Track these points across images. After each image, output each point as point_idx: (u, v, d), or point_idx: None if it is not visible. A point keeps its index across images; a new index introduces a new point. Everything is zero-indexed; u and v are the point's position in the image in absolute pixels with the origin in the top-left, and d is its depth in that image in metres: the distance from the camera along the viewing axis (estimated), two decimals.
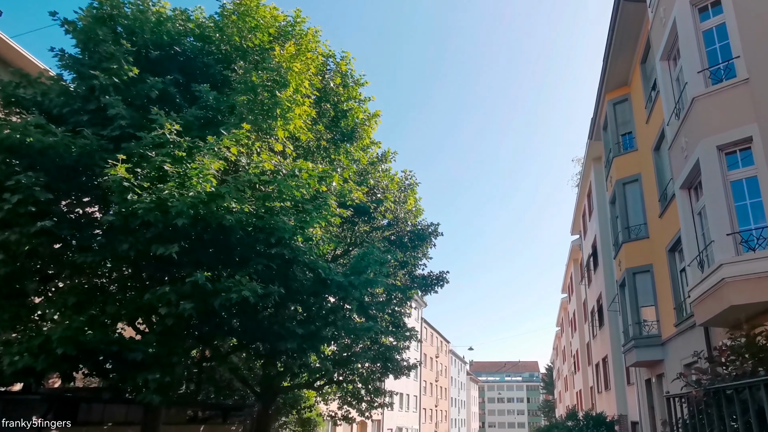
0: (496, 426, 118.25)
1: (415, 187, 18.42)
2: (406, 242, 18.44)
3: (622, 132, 17.97)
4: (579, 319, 35.22)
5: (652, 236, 15.60)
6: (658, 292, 15.17)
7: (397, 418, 41.58)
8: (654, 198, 15.22)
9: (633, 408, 19.34)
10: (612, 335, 21.62)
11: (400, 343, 21.23)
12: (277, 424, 22.81)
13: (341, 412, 22.36)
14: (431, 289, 19.51)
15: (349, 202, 13.63)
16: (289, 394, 22.17)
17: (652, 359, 15.05)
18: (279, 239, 10.69)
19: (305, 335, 11.68)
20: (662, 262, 14.60)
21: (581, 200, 29.06)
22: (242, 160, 10.88)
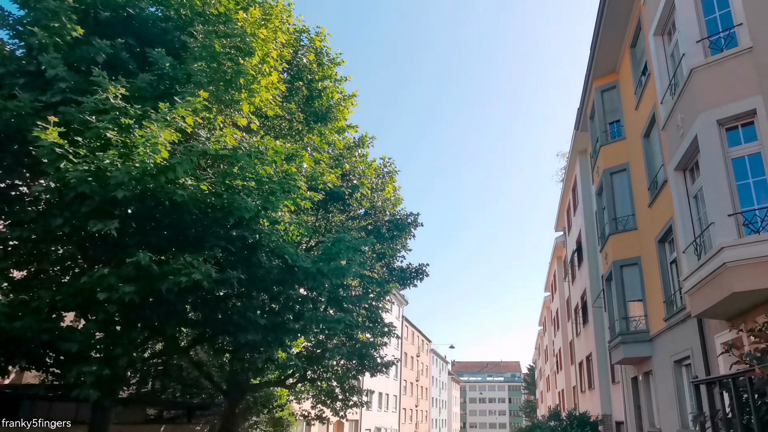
0: (477, 426, 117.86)
1: (394, 175, 17.53)
2: (384, 233, 17.55)
3: (609, 120, 17.27)
4: (562, 318, 34.63)
5: (641, 227, 14.89)
6: (647, 285, 14.46)
7: (376, 418, 40.64)
8: (643, 187, 14.52)
9: (618, 407, 18.66)
10: (596, 332, 20.95)
11: (377, 339, 20.36)
12: (247, 424, 21.75)
13: (315, 411, 21.38)
14: (410, 283, 18.64)
15: (321, 185, 12.72)
16: (261, 392, 21.19)
17: (640, 356, 14.33)
18: (240, 220, 9.74)
19: (269, 327, 10.71)
20: (651, 254, 13.89)
21: (566, 195, 28.42)
22: (201, 133, 9.89)
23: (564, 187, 28.39)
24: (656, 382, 13.79)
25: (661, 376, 13.30)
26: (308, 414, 21.60)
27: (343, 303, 15.66)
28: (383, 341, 20.35)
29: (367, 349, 19.51)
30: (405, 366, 52.60)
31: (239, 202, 9.36)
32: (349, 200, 15.33)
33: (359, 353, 19.20)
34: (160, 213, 9.16)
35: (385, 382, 43.85)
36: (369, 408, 39.00)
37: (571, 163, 25.12)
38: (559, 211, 30.97)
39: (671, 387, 12.48)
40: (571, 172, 25.73)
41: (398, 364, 49.25)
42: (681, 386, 12.17)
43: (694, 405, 11.63)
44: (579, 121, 20.48)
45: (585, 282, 22.99)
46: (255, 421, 21.93)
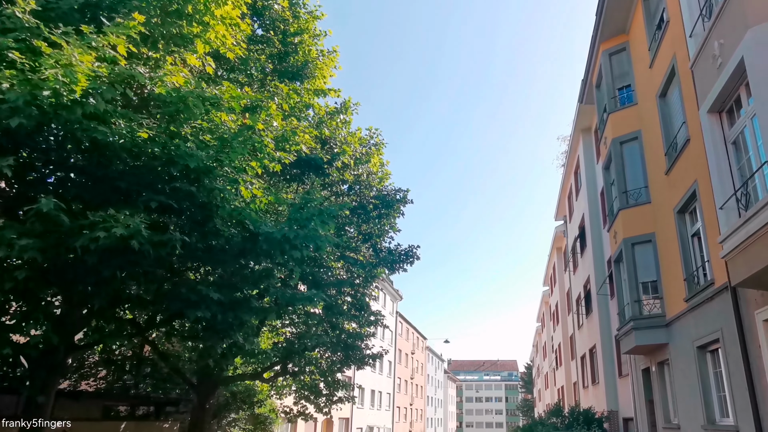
0: (474, 426, 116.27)
1: (381, 147, 15.87)
2: (370, 210, 15.90)
3: (619, 86, 15.68)
4: (562, 311, 33.06)
5: (656, 200, 13.29)
6: (663, 264, 12.86)
7: (368, 416, 38.98)
8: (658, 154, 12.94)
9: (626, 403, 17.06)
10: (601, 322, 19.36)
11: (363, 329, 18.76)
12: (225, 422, 20.10)
13: (297, 407, 19.75)
14: (399, 267, 16.97)
15: (293, 146, 11.10)
16: (240, 387, 19.59)
17: (655, 343, 12.73)
18: (185, 173, 8.09)
19: (227, 304, 9.05)
20: (669, 228, 12.30)
21: (567, 180, 26.83)
22: (140, 70, 8.23)
23: (565, 172, 26.81)
24: (674, 373, 12.19)
25: (681, 365, 11.70)
26: (290, 410, 19.95)
27: (321, 282, 14.06)
28: (370, 331, 18.73)
29: (353, 340, 17.91)
30: (399, 363, 50.96)
31: (183, 149, 7.74)
32: (329, 170, 13.67)
33: (344, 344, 17.60)
34: (84, 158, 7.51)
35: (378, 379, 42.21)
36: (361, 405, 37.34)
37: (573, 144, 23.52)
38: (559, 198, 29.38)
39: (694, 377, 10.89)
40: (573, 153, 24.13)
41: (392, 361, 47.59)
42: (706, 375, 10.57)
43: (722, 396, 10.05)
44: (584, 92, 18.87)
45: (588, 269, 21.40)
46: (234, 418, 20.28)
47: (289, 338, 16.86)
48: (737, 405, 8.96)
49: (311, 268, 13.22)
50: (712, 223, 9.62)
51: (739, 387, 8.82)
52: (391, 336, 47.67)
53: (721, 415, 10.14)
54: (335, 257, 15.28)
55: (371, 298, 18.69)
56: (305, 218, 9.56)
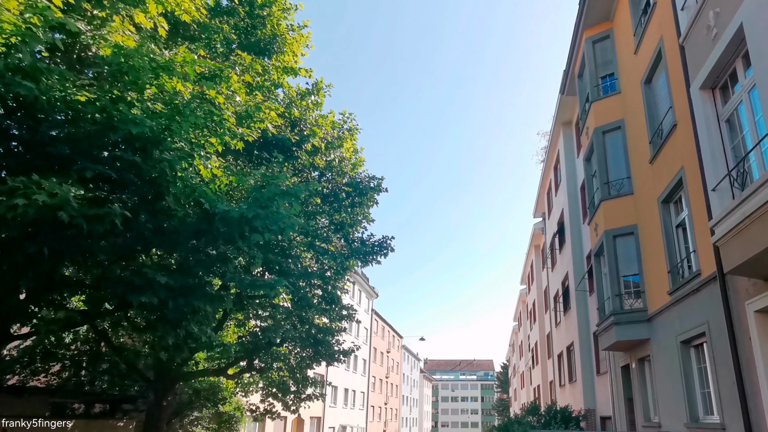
0: (449, 425, 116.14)
1: (355, 132, 15.10)
2: (343, 198, 15.15)
3: (602, 74, 15.19)
4: (539, 309, 32.72)
5: (639, 190, 12.81)
6: (645, 257, 12.37)
7: (341, 415, 38.16)
8: (642, 143, 12.45)
9: (603, 401, 16.62)
10: (579, 319, 18.91)
11: (335, 324, 18.01)
12: (187, 420, 19.13)
13: (264, 405, 18.89)
14: (373, 259, 16.23)
15: (257, 123, 10.32)
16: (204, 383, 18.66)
17: (636, 338, 12.23)
18: (128, 139, 7.25)
19: (177, 289, 8.23)
20: (652, 219, 11.80)
21: (546, 175, 26.43)
22: (80, 26, 7.37)
23: (545, 167, 26.40)
24: (655, 369, 11.70)
25: (663, 362, 11.21)
26: (256, 408, 19.07)
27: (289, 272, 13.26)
28: (342, 326, 17.98)
29: (323, 335, 17.12)
30: (374, 362, 50.24)
31: (127, 114, 6.91)
32: (298, 153, 12.90)
33: (314, 339, 16.82)
34: (9, 119, 6.62)
35: (352, 378, 41.43)
36: (333, 404, 36.51)
37: (553, 138, 23.08)
38: (538, 194, 28.99)
39: (676, 373, 10.39)
40: (553, 147, 23.70)
41: (367, 359, 46.85)
42: (689, 371, 10.07)
43: (706, 393, 9.56)
44: (565, 83, 18.39)
45: (567, 266, 20.96)
46: (196, 416, 19.32)
47: (255, 332, 16.00)
48: (723, 401, 8.45)
49: (277, 257, 12.43)
50: (700, 211, 9.12)
51: (726, 382, 8.31)
52: (366, 333, 46.93)
53: (705, 412, 9.65)
54: (304, 246, 14.52)
55: (343, 292, 17.96)
56: (267, 198, 8.78)
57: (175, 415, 18.43)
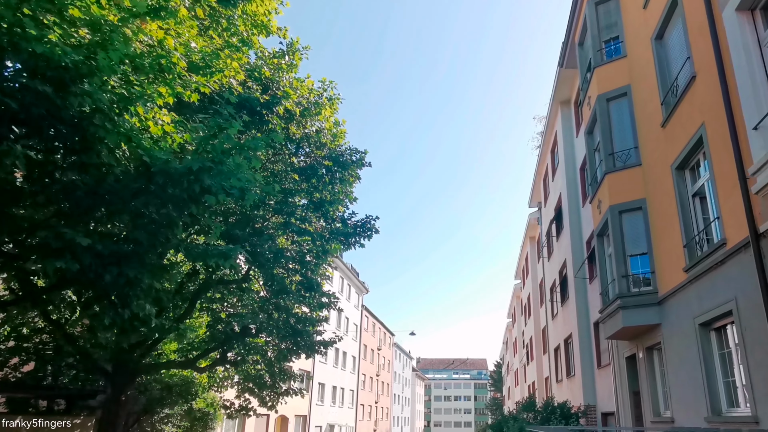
0: (442, 425, 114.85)
1: (336, 102, 13.73)
2: (322, 175, 13.79)
3: (605, 38, 13.93)
4: (534, 304, 31.50)
5: (648, 160, 11.54)
6: (655, 233, 11.11)
7: (329, 413, 36.76)
8: (651, 107, 11.20)
9: (605, 396, 15.36)
10: (579, 309, 17.66)
11: (316, 313, 16.65)
12: (157, 418, 17.72)
13: (239, 401, 17.49)
14: (356, 241, 14.87)
15: (216, 74, 8.97)
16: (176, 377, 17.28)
17: (645, 324, 10.97)
18: (32, 62, 5.88)
19: (106, 256, 6.86)
20: (664, 190, 10.54)
21: (543, 160, 25.18)
22: None
23: (541, 153, 25.16)
24: (667, 358, 10.43)
25: (677, 349, 9.95)
26: (230, 405, 17.68)
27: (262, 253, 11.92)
28: (323, 315, 16.61)
29: (302, 325, 15.75)
30: (364, 359, 48.87)
31: (31, 33, 5.56)
32: (269, 117, 11.52)
33: (292, 329, 15.45)
34: None
35: (340, 375, 40.05)
36: (320, 402, 35.11)
37: (551, 119, 21.82)
38: (534, 182, 27.73)
39: (694, 361, 9.12)
40: (550, 129, 22.44)
41: (357, 356, 45.47)
42: (710, 358, 8.80)
43: (730, 382, 8.28)
44: (564, 54, 17.12)
45: (565, 253, 19.71)
46: (167, 414, 17.89)
47: (227, 320, 14.63)
48: (756, 390, 7.17)
49: (243, 232, 11.07)
50: (726, 169, 7.87)
51: (760, 367, 7.04)
52: (356, 329, 45.57)
53: (729, 404, 8.38)
54: (278, 226, 13.18)
55: (324, 279, 16.60)
56: (221, 152, 7.42)
57: (145, 413, 17.06)
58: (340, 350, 40.03)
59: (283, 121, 11.95)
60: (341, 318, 40.41)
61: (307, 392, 31.61)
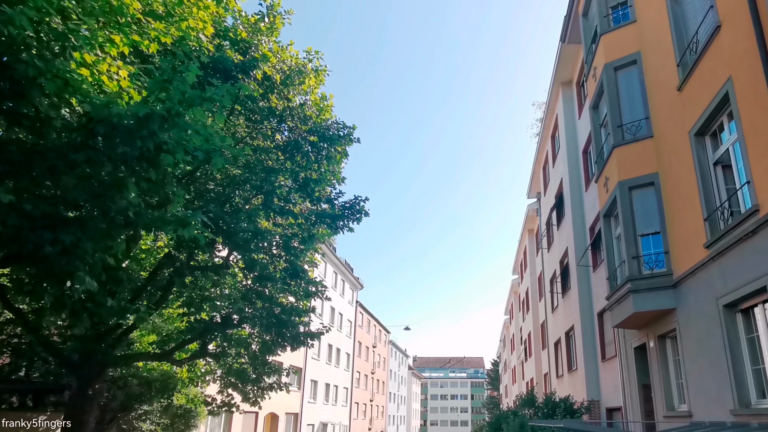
0: (438, 424, 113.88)
1: (322, 74, 12.70)
2: (307, 151, 12.77)
3: (612, 4, 12.96)
4: (533, 298, 30.53)
5: (661, 130, 10.56)
6: (670, 209, 10.13)
7: (322, 411, 35.71)
8: (666, 72, 10.23)
9: (610, 390, 14.37)
10: (581, 299, 16.69)
11: (304, 303, 15.65)
12: (134, 414, 16.68)
13: (222, 397, 16.44)
14: (344, 225, 13.84)
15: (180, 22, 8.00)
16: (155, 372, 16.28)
17: (659, 308, 9.98)
18: None
19: (37, 218, 5.84)
20: (680, 161, 9.57)
21: (543, 147, 24.20)
22: None
23: (540, 139, 24.18)
24: (684, 346, 9.45)
25: (696, 335, 8.97)
26: (212, 400, 16.64)
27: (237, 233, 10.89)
28: (309, 306, 15.59)
29: (289, 315, 14.73)
30: (359, 356, 47.83)
31: None
32: (247, 82, 10.48)
33: (276, 319, 14.44)
34: None
35: (334, 372, 39.01)
36: (313, 399, 34.07)
37: (551, 102, 20.83)
38: (533, 170, 26.75)
39: (717, 347, 8.14)
40: (551, 113, 21.45)
41: (351, 353, 44.44)
42: (736, 344, 7.81)
43: (762, 370, 7.31)
44: (567, 28, 16.13)
45: (567, 241, 18.74)
46: (145, 410, 16.84)
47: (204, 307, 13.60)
48: None
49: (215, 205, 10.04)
50: (758, 128, 6.91)
51: None
52: (350, 326, 44.56)
53: (759, 395, 7.40)
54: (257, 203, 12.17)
55: (311, 266, 15.58)
56: (177, 101, 6.39)
57: (123, 410, 16.05)
58: (334, 346, 39.01)
59: (261, 88, 10.92)
60: (335, 314, 39.38)
61: (296, 388, 30.59)
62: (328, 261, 37.66)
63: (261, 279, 13.76)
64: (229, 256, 13.51)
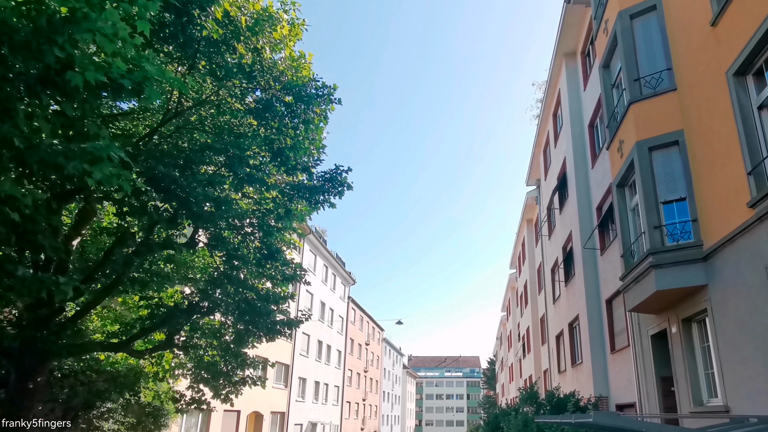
0: (434, 424, 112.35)
1: (298, 27, 11.16)
2: (282, 114, 11.24)
3: None
4: (532, 291, 29.09)
5: (688, 81, 9.09)
6: (700, 168, 8.65)
7: (311, 410, 34.13)
8: (692, 12, 8.80)
9: (621, 385, 12.91)
10: (587, 286, 15.22)
11: (283, 290, 14.18)
12: (97, 413, 15.11)
13: (191, 393, 14.90)
14: (324, 200, 12.31)
15: None
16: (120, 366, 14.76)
17: (687, 286, 8.50)
18: None
19: None
20: (713, 111, 8.10)
21: (543, 127, 22.74)
22: None
23: (541, 120, 22.71)
24: (720, 328, 7.98)
25: (735, 314, 7.49)
26: (180, 396, 15.10)
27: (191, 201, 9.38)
28: (288, 291, 14.08)
29: (264, 302, 13.21)
30: (351, 354, 46.27)
31: None
32: (203, 20, 8.94)
33: (250, 305, 12.93)
34: None
35: (324, 370, 37.44)
36: (301, 398, 32.51)
37: (553, 76, 19.36)
38: (533, 155, 25.28)
39: (766, 327, 6.66)
40: (553, 88, 19.99)
41: (342, 350, 42.88)
42: None
43: None
44: None
45: (571, 224, 17.27)
46: (108, 408, 15.28)
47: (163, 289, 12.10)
48: None
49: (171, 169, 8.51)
50: None
51: None
52: (342, 322, 43.00)
53: None
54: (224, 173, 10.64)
55: (290, 247, 14.05)
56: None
57: (86, 407, 14.51)
58: (324, 343, 37.45)
59: (223, 29, 9.37)
60: (325, 309, 37.83)
61: (283, 386, 29.01)
62: (318, 254, 36.13)
63: (230, 259, 12.26)
64: (195, 234, 12.00)
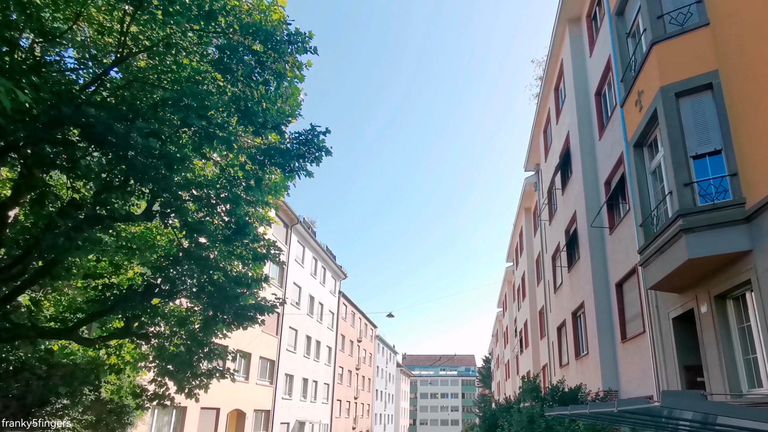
0: (428, 423, 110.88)
1: None
2: (250, 65, 9.74)
3: None
4: (530, 282, 27.67)
5: (725, 12, 7.67)
6: (741, 113, 7.22)
7: (298, 409, 32.55)
8: None
9: (633, 376, 11.48)
10: (594, 269, 13.79)
11: (257, 270, 12.71)
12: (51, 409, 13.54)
13: (154, 387, 13.37)
14: (300, 167, 10.79)
15: None
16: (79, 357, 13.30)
17: (727, 252, 7.05)
18: None
19: None
20: (760, 44, 6.65)
21: (544, 105, 21.30)
22: None
23: (542, 97, 21.27)
24: (767, 303, 6.53)
25: None
26: (142, 391, 13.58)
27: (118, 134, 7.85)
28: (261, 274, 12.58)
29: (234, 285, 11.69)
30: (342, 351, 44.71)
31: None
32: None
33: (217, 287, 11.43)
34: None
35: (312, 367, 35.88)
36: (288, 396, 30.96)
37: (555, 45, 17.90)
38: (532, 137, 23.84)
39: None
40: (555, 59, 18.54)
41: (333, 347, 41.35)
42: None
43: None
44: None
45: (575, 203, 15.83)
46: (64, 405, 13.73)
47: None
48: None
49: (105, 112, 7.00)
50: None
51: None
52: (332, 318, 41.47)
53: None
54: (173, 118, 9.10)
55: (263, 223, 12.54)
56: None
57: (40, 404, 13.00)
58: (313, 338, 35.91)
59: None
60: (314, 303, 36.29)
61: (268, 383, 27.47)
62: (307, 245, 34.59)
63: (191, 232, 10.73)
64: (152, 204, 10.49)
